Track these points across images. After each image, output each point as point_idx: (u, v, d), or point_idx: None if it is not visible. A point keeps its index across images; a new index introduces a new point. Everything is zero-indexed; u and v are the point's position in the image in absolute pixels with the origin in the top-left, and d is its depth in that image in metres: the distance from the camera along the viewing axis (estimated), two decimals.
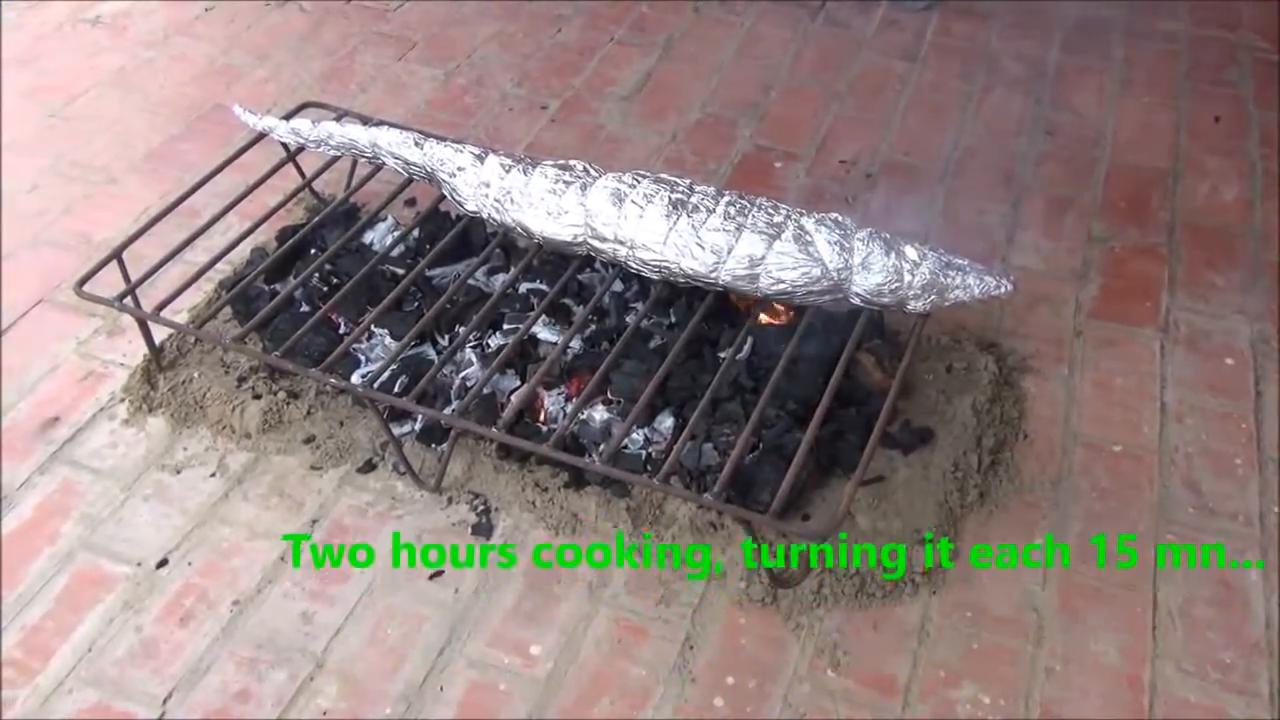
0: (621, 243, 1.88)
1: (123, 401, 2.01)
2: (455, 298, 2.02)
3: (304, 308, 2.08)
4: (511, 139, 2.66)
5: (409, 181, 2.15)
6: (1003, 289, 1.79)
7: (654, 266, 1.87)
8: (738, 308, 2.01)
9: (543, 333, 2.01)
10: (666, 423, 1.87)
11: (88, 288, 1.92)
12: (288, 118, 2.24)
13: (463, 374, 1.96)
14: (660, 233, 1.85)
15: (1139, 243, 2.36)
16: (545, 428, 1.89)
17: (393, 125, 2.16)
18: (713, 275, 1.84)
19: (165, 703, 1.59)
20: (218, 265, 2.04)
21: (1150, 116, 2.72)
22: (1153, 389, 2.04)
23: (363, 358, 2.00)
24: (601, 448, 1.82)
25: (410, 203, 2.40)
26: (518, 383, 1.94)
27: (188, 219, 2.13)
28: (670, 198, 1.87)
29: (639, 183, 1.90)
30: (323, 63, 2.93)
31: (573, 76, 2.88)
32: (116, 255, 1.97)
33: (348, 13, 3.13)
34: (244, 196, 2.14)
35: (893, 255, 1.79)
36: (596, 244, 1.91)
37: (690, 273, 1.85)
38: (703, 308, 1.89)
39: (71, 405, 2.01)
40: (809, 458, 1.71)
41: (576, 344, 1.99)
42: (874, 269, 1.79)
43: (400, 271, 2.12)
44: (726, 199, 1.87)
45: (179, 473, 1.89)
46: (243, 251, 2.20)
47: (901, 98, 2.80)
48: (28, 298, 2.21)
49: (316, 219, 2.17)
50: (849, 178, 2.54)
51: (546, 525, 1.80)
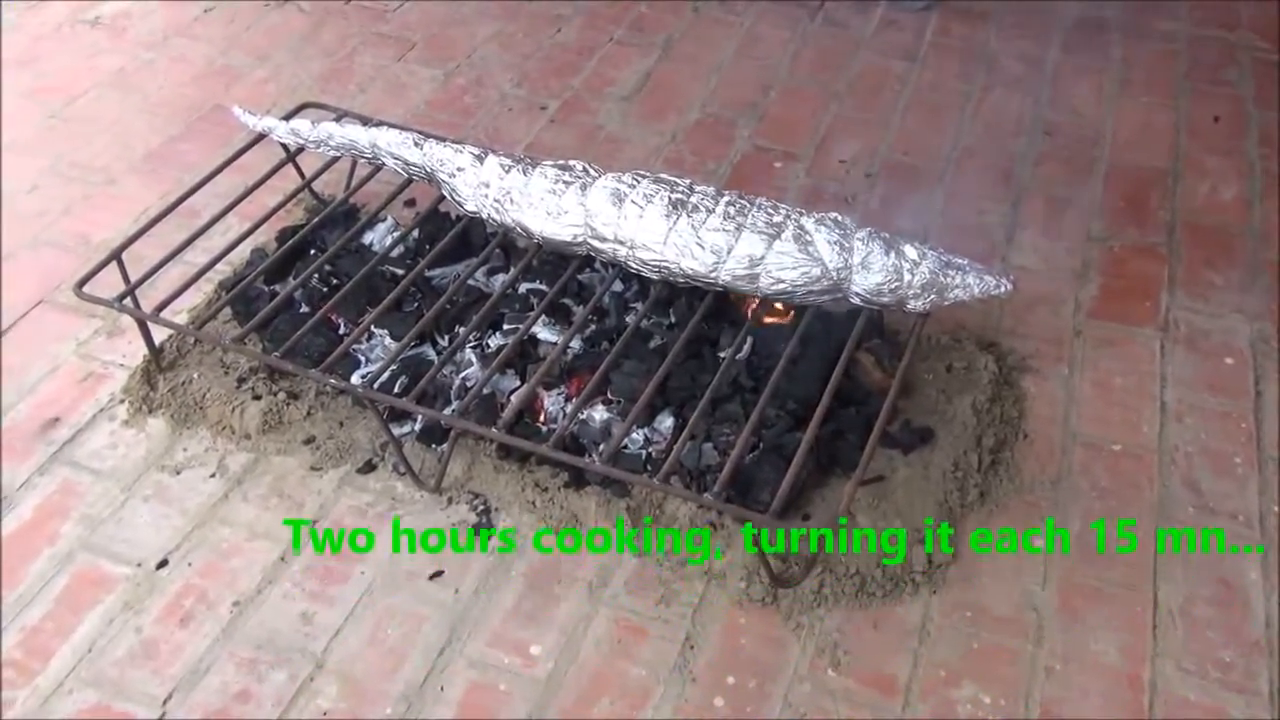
0: (621, 243, 1.88)
1: (122, 402, 2.01)
2: (455, 298, 2.03)
3: (304, 308, 2.08)
4: (511, 139, 2.66)
5: (408, 182, 2.15)
6: (1002, 288, 1.79)
7: (654, 266, 1.87)
8: (738, 308, 2.01)
9: (542, 333, 2.01)
10: (666, 423, 1.87)
11: (87, 289, 1.92)
12: (287, 118, 2.24)
13: (462, 374, 1.96)
14: (660, 233, 1.85)
15: (1138, 242, 2.36)
16: (545, 428, 1.89)
17: (392, 126, 2.16)
18: (712, 275, 1.84)
19: (165, 703, 1.59)
20: (217, 266, 2.04)
21: (1149, 116, 2.72)
22: (1152, 388, 2.04)
23: (362, 358, 2.00)
24: (601, 448, 1.82)
25: (410, 203, 2.40)
26: (517, 383, 1.94)
27: (187, 220, 2.13)
28: (670, 198, 1.87)
29: (639, 183, 1.91)
30: (322, 63, 2.93)
31: (572, 77, 2.88)
32: (116, 256, 1.97)
33: (347, 13, 3.13)
34: (244, 197, 2.14)
35: (892, 255, 1.79)
36: (596, 244, 1.91)
37: (690, 273, 1.85)
38: (702, 308, 1.89)
39: (71, 406, 2.01)
40: (809, 457, 1.71)
41: (576, 344, 1.99)
42: (874, 268, 1.79)
43: (400, 272, 2.12)
44: (726, 199, 1.88)
45: (179, 473, 1.89)
46: (242, 252, 2.20)
47: (901, 98, 2.80)
48: (27, 299, 2.21)
49: (316, 220, 2.17)
50: (848, 177, 2.54)
51: (546, 525, 1.80)
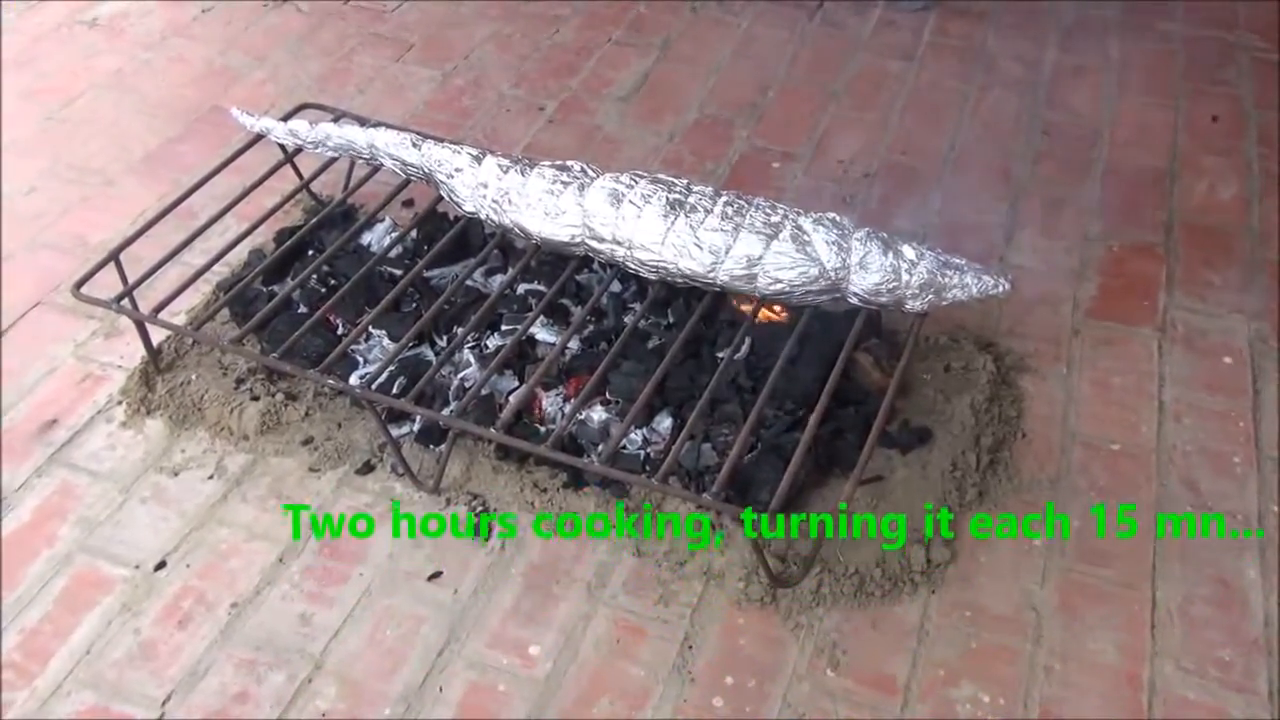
0: (619, 243, 1.88)
1: (120, 404, 2.01)
2: (453, 299, 2.02)
3: (302, 309, 2.08)
4: (509, 140, 2.66)
5: (407, 183, 2.15)
6: (1000, 288, 1.79)
7: (652, 267, 1.87)
8: (736, 308, 2.01)
9: (541, 333, 2.01)
10: (665, 423, 1.87)
11: (85, 290, 1.91)
12: (285, 119, 2.24)
13: (461, 375, 1.96)
14: (658, 233, 1.85)
15: (1137, 242, 2.36)
16: (543, 428, 1.88)
17: (390, 126, 2.16)
18: (710, 275, 1.84)
19: (164, 705, 1.59)
20: (215, 267, 2.04)
21: (1147, 116, 2.72)
22: (1151, 388, 2.04)
23: (361, 359, 2.00)
24: (600, 448, 1.82)
25: (408, 204, 2.40)
26: (516, 383, 1.94)
27: (185, 221, 2.13)
28: (668, 198, 1.87)
29: (636, 183, 1.90)
30: (320, 64, 2.93)
31: (570, 77, 2.88)
32: (114, 257, 1.97)
33: (345, 14, 3.13)
34: (242, 198, 2.14)
35: (890, 255, 1.79)
36: (594, 244, 1.91)
37: (688, 273, 1.85)
38: (700, 308, 1.89)
39: (69, 408, 2.01)
40: (807, 457, 1.71)
41: (574, 344, 1.99)
42: (872, 268, 1.79)
43: (398, 272, 2.12)
44: (724, 199, 1.87)
45: (177, 475, 1.89)
46: (240, 253, 2.20)
47: (899, 98, 2.80)
48: (25, 300, 2.21)
49: (314, 220, 2.17)
50: (846, 177, 2.54)
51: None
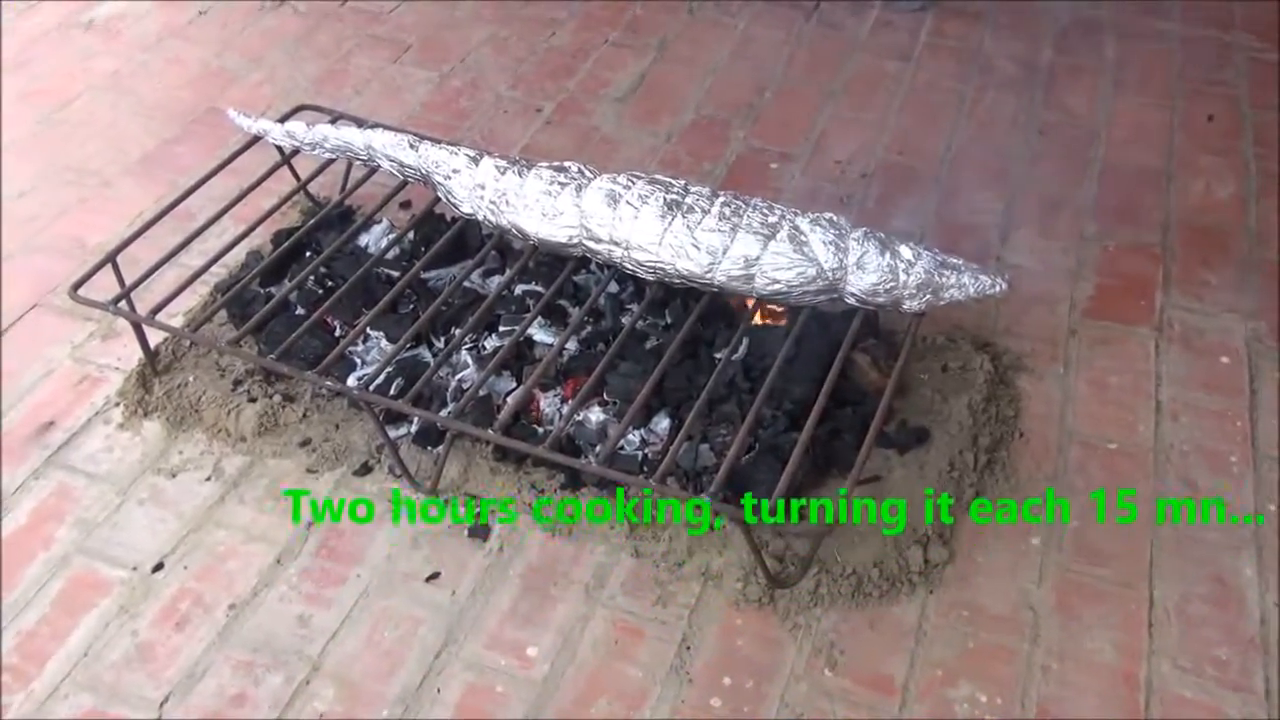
0: (617, 244, 1.88)
1: (118, 405, 2.01)
2: (451, 300, 2.02)
3: (299, 311, 2.08)
4: (506, 141, 2.66)
5: (404, 184, 2.15)
6: (997, 288, 1.79)
7: (649, 267, 1.87)
8: (733, 308, 2.01)
9: (538, 334, 2.01)
10: (663, 423, 1.87)
11: (82, 292, 1.91)
12: (282, 120, 2.24)
13: (458, 376, 1.96)
14: (655, 233, 1.85)
15: (1133, 242, 2.36)
16: (541, 429, 1.89)
17: (388, 128, 2.16)
18: (708, 276, 1.84)
19: (161, 707, 1.58)
20: (213, 268, 2.04)
21: (1144, 116, 2.73)
22: (1148, 387, 2.04)
23: (358, 360, 2.00)
24: (598, 449, 1.82)
25: (405, 205, 2.40)
26: (513, 384, 1.94)
27: (182, 222, 2.13)
28: (665, 199, 1.87)
29: (634, 184, 1.91)
30: (317, 65, 2.93)
31: (567, 79, 2.88)
32: (111, 259, 1.97)
33: (342, 16, 3.13)
34: (239, 199, 2.14)
35: (888, 255, 1.80)
36: (592, 245, 1.91)
37: (685, 273, 1.85)
38: (698, 308, 1.89)
39: (66, 410, 2.00)
40: (805, 458, 1.71)
41: (572, 345, 1.99)
42: (869, 268, 1.79)
43: (395, 274, 2.12)
44: (721, 199, 1.88)
45: (174, 476, 1.89)
46: (238, 255, 2.20)
47: (896, 98, 2.80)
48: (22, 302, 2.21)
49: (311, 222, 2.17)
50: (844, 178, 2.54)
51: (543, 526, 1.80)
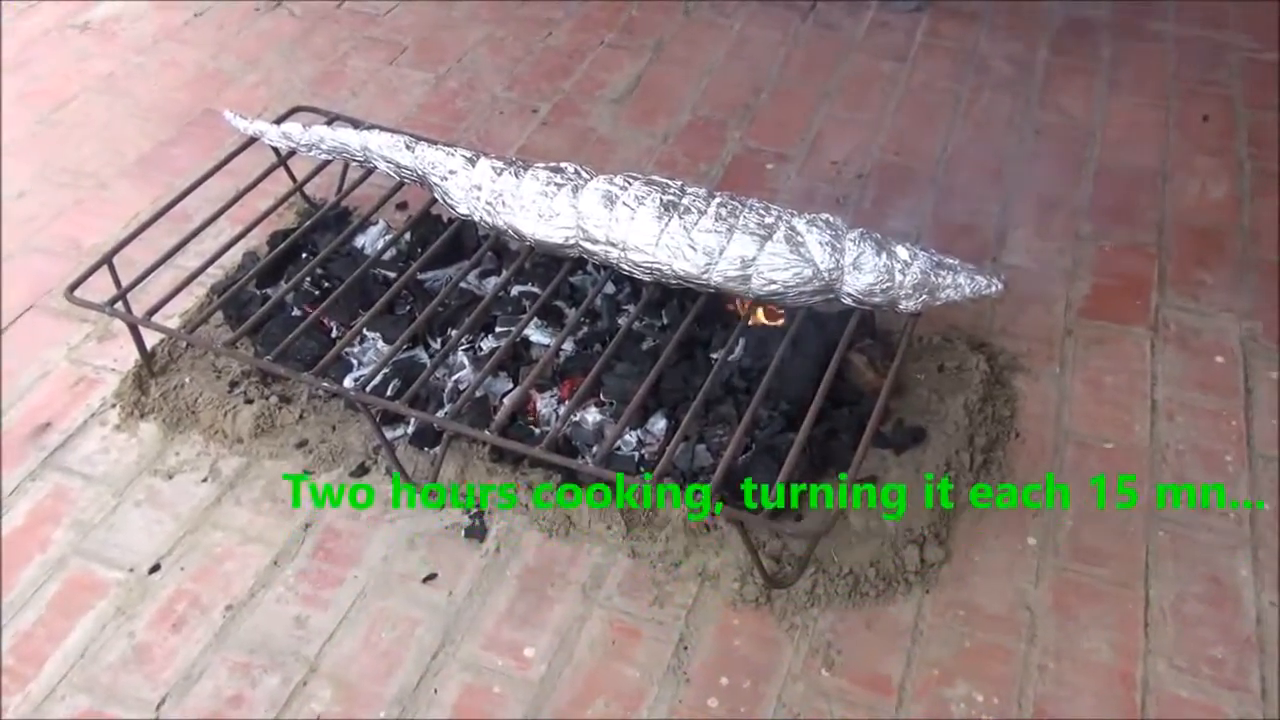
0: (613, 245, 1.88)
1: (114, 407, 2.00)
2: (447, 301, 2.02)
3: (295, 312, 2.08)
4: (503, 142, 2.66)
5: (400, 185, 2.15)
6: (993, 288, 1.79)
7: (646, 268, 1.87)
8: (730, 309, 2.01)
9: (535, 335, 2.01)
10: (659, 424, 1.87)
11: (78, 293, 1.91)
12: (279, 122, 2.24)
13: (455, 377, 1.96)
14: (652, 234, 1.85)
15: (1129, 241, 2.36)
16: (538, 430, 1.89)
17: (384, 129, 2.16)
18: (704, 276, 1.84)
19: (159, 708, 1.58)
20: (209, 270, 2.04)
21: (1139, 116, 2.73)
22: (1143, 387, 2.04)
23: (355, 362, 2.00)
24: (594, 450, 1.82)
25: (402, 206, 2.40)
26: (510, 385, 1.94)
27: (179, 224, 2.13)
28: (662, 199, 1.87)
29: (630, 185, 1.91)
30: (313, 67, 2.93)
31: (563, 80, 2.88)
32: (107, 260, 1.97)
33: (338, 17, 3.13)
34: (235, 201, 2.14)
35: (884, 255, 1.80)
36: (588, 246, 1.91)
37: (682, 274, 1.85)
38: (695, 309, 1.89)
39: (63, 411, 2.00)
40: (801, 458, 1.71)
41: (569, 346, 1.99)
42: (865, 269, 1.79)
43: (392, 275, 2.12)
44: (718, 200, 1.88)
45: (171, 478, 1.89)
46: (234, 256, 2.20)
47: (892, 98, 2.80)
48: (18, 304, 2.21)
49: (308, 223, 2.17)
50: (840, 178, 2.55)
51: (540, 527, 1.80)
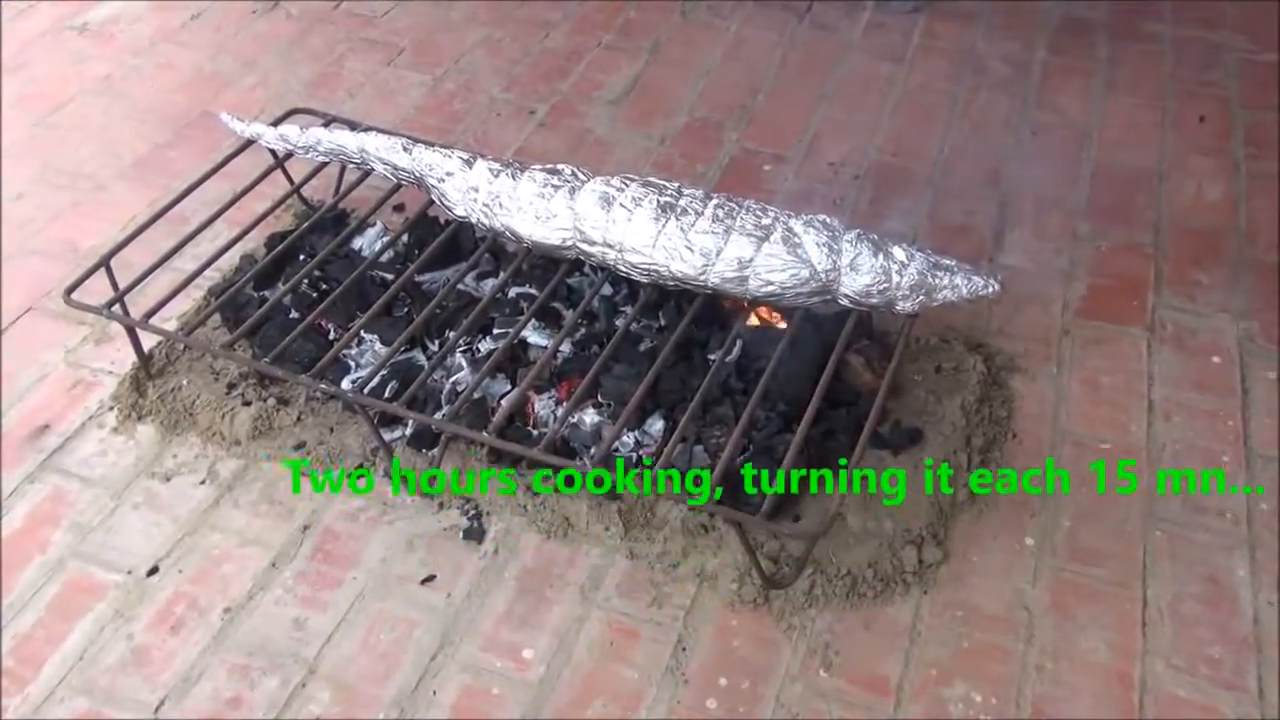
0: (610, 246, 1.88)
1: (112, 409, 2.00)
2: (445, 303, 2.02)
3: (293, 314, 2.07)
4: (500, 144, 2.66)
5: (397, 187, 2.15)
6: (990, 289, 1.80)
7: (643, 269, 1.87)
8: (727, 310, 2.02)
9: (532, 337, 2.01)
10: (657, 425, 1.87)
11: (76, 296, 1.91)
12: (276, 124, 2.24)
13: (453, 379, 1.96)
14: (649, 236, 1.85)
15: (1125, 242, 2.37)
16: (536, 431, 1.89)
17: (381, 131, 2.17)
18: (701, 278, 1.84)
19: (157, 710, 1.58)
20: (206, 272, 2.04)
21: (1135, 116, 2.74)
22: (1140, 387, 2.05)
23: (352, 363, 2.00)
24: (592, 451, 1.82)
25: (399, 208, 2.40)
26: (508, 387, 1.94)
27: (176, 226, 2.13)
28: (659, 201, 1.87)
29: (627, 186, 1.91)
30: (310, 69, 2.93)
31: (560, 81, 2.88)
32: (104, 263, 1.97)
33: (335, 19, 3.13)
34: (232, 203, 2.14)
35: (881, 256, 1.80)
36: (585, 247, 1.91)
37: (679, 275, 1.85)
38: (692, 310, 1.89)
39: (61, 414, 2.00)
40: (799, 459, 1.71)
41: (566, 348, 1.99)
42: (862, 270, 1.80)
43: (389, 277, 2.12)
44: (715, 201, 1.88)
45: (169, 480, 1.89)
46: (231, 258, 2.20)
47: (889, 99, 2.81)
48: (16, 306, 2.21)
49: (305, 225, 2.17)
50: (837, 179, 2.55)
51: (538, 529, 1.80)
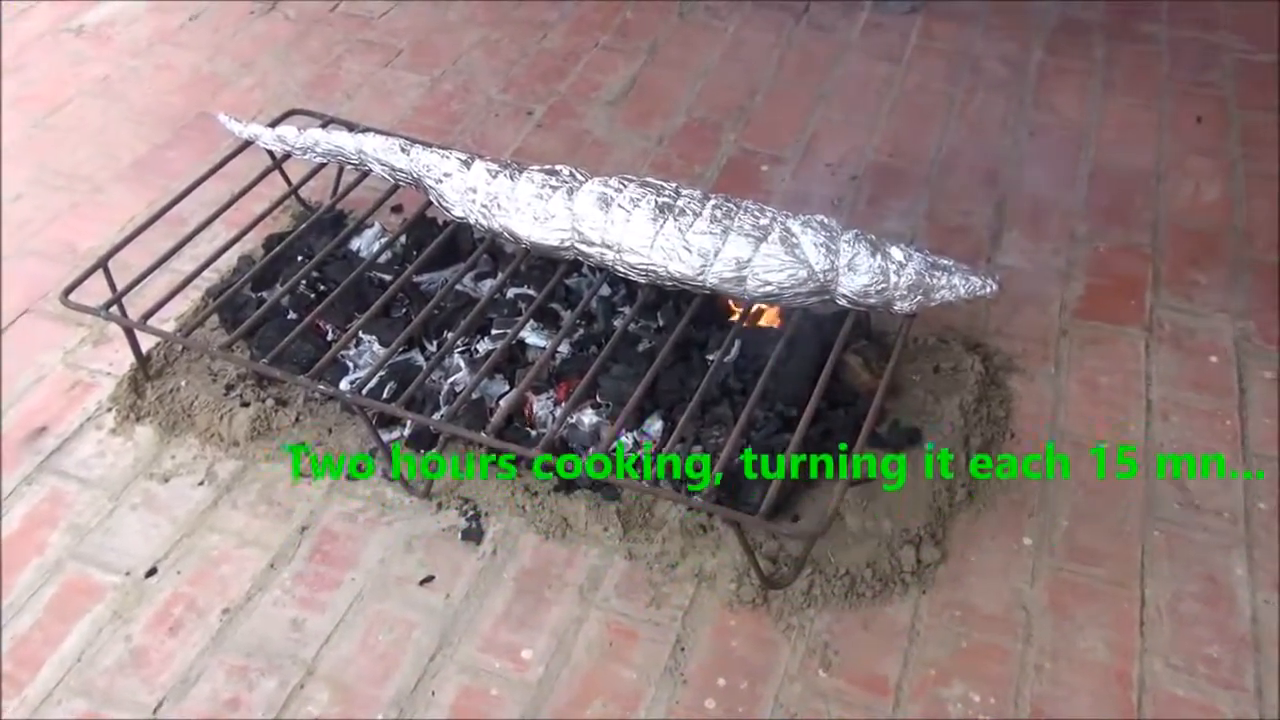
0: (608, 246, 1.88)
1: (110, 411, 2.00)
2: (443, 303, 2.02)
3: (291, 315, 2.08)
4: (498, 144, 2.66)
5: (395, 188, 2.15)
6: (988, 289, 1.80)
7: (641, 270, 1.87)
8: (725, 310, 2.02)
9: (531, 337, 2.01)
10: (655, 425, 1.87)
11: (74, 297, 1.91)
12: (274, 125, 2.24)
13: (451, 379, 1.96)
14: (647, 236, 1.85)
15: (1123, 242, 2.37)
16: (534, 432, 1.89)
17: (379, 132, 2.17)
18: (700, 278, 1.84)
19: (156, 712, 1.58)
20: (204, 273, 2.04)
21: (1132, 117, 2.74)
22: (1138, 387, 2.05)
23: (351, 364, 2.00)
24: (591, 451, 1.82)
25: (397, 209, 2.40)
26: (506, 387, 1.95)
27: (174, 227, 2.13)
28: (657, 201, 1.88)
29: (625, 186, 1.91)
30: (308, 70, 2.93)
31: (558, 82, 2.89)
32: (102, 264, 1.96)
33: (332, 20, 3.13)
34: (230, 204, 2.14)
35: (878, 256, 1.80)
36: (583, 248, 1.91)
37: (677, 276, 1.85)
38: (690, 311, 1.90)
39: (59, 415, 2.00)
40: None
41: (565, 348, 1.99)
42: (860, 270, 1.80)
43: (388, 278, 2.12)
44: (713, 202, 1.88)
45: (167, 481, 1.89)
46: (229, 259, 2.20)
47: (886, 100, 2.81)
48: (14, 307, 2.21)
49: (303, 226, 2.17)
50: (835, 180, 2.55)
51: (537, 529, 1.81)
